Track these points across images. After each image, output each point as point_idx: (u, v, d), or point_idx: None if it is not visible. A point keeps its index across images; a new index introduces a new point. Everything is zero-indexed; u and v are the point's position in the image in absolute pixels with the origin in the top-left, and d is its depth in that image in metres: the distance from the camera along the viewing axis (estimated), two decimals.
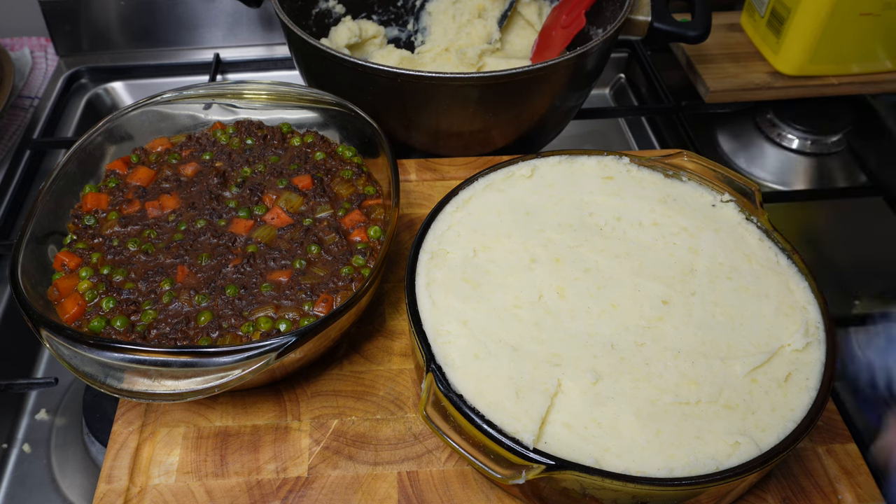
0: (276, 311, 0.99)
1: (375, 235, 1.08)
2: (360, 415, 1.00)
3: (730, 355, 0.89)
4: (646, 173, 1.11)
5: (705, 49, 1.78)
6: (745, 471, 0.77)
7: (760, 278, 0.98)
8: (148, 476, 0.94)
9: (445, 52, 1.62)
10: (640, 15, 1.44)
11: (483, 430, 0.78)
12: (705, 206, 1.07)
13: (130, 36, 1.91)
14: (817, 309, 0.94)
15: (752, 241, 1.02)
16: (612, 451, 0.80)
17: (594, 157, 1.13)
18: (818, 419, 0.83)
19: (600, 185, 1.09)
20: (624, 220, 1.05)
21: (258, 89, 1.23)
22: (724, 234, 1.03)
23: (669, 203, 1.07)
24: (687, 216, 1.05)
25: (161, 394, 0.87)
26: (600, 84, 1.98)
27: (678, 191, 1.09)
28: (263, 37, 1.95)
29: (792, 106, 1.77)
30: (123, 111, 1.19)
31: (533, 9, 1.64)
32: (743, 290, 0.96)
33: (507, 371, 0.86)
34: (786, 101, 1.76)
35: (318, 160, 1.20)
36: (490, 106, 1.30)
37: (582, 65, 1.33)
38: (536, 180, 1.10)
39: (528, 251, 1.00)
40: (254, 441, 0.97)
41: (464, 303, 0.93)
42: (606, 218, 1.05)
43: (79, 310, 0.98)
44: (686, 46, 1.81)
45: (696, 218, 1.05)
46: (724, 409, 0.84)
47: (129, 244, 1.07)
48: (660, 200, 1.07)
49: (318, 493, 0.92)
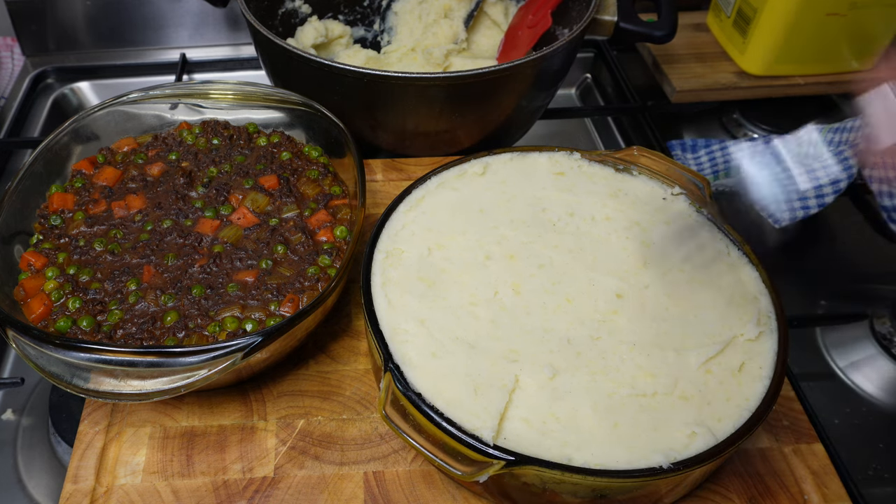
0: (242, 311, 0.99)
1: (342, 235, 1.09)
2: (327, 415, 1.01)
3: (684, 346, 0.90)
4: (597, 168, 1.13)
5: (672, 49, 1.80)
6: (703, 461, 0.79)
7: (712, 270, 0.99)
8: (114, 476, 0.94)
9: (412, 52, 1.62)
10: (607, 15, 1.45)
11: (443, 427, 0.79)
12: (656, 200, 1.08)
13: (97, 36, 1.90)
14: (769, 299, 0.96)
15: (703, 233, 1.04)
16: (570, 444, 0.81)
17: (545, 153, 1.14)
18: (772, 407, 0.84)
19: (552, 180, 1.11)
20: (577, 215, 1.06)
21: (224, 89, 1.23)
22: (675, 226, 1.05)
23: (621, 197, 1.08)
24: (638, 210, 1.07)
25: (127, 394, 0.87)
26: (566, 84, 1.99)
27: (629, 185, 1.11)
28: (230, 37, 1.95)
29: (758, 106, 1.79)
30: (90, 111, 1.19)
31: (499, 9, 1.65)
32: (695, 282, 0.98)
33: (465, 368, 0.87)
34: (752, 101, 1.78)
35: (285, 160, 1.21)
36: (456, 106, 1.31)
37: (548, 65, 1.34)
38: (489, 177, 1.11)
39: (482, 248, 1.01)
40: (220, 441, 0.98)
41: (420, 301, 0.94)
42: (559, 213, 1.06)
43: (45, 310, 0.98)
44: (652, 46, 1.82)
45: (647, 211, 1.06)
46: (680, 400, 0.85)
47: (96, 244, 1.07)
48: (611, 195, 1.09)
49: (284, 493, 0.93)
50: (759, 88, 1.74)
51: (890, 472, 1.16)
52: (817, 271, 1.50)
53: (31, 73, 1.85)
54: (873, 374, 1.27)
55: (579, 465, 0.78)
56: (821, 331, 1.35)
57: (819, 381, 1.28)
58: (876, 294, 1.44)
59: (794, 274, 1.48)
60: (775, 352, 0.90)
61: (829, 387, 1.27)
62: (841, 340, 1.33)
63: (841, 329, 1.34)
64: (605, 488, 0.80)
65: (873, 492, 1.12)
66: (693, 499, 0.93)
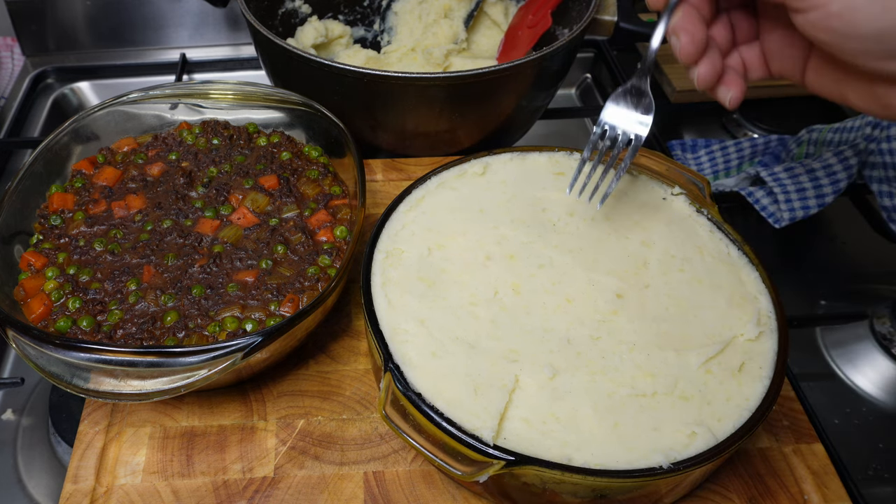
0: (242, 311, 0.99)
1: (342, 235, 1.09)
2: (327, 415, 1.01)
3: (684, 347, 0.90)
4: None
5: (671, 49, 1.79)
6: (703, 461, 0.79)
7: (712, 270, 0.99)
8: (114, 476, 0.94)
9: (412, 52, 1.62)
10: (607, 15, 1.45)
11: (443, 427, 0.79)
12: (656, 200, 1.08)
13: (97, 36, 1.90)
14: (768, 299, 0.96)
15: (702, 234, 1.04)
16: (570, 444, 0.81)
17: (545, 153, 1.14)
18: (772, 407, 0.84)
19: (552, 180, 1.11)
20: (577, 215, 1.06)
21: (224, 89, 1.23)
22: (675, 226, 1.05)
23: (620, 197, 1.08)
24: (638, 210, 1.06)
25: (127, 394, 0.87)
26: (566, 84, 1.99)
27: (629, 185, 1.11)
28: (230, 37, 1.95)
29: (758, 106, 1.79)
30: (90, 111, 1.19)
31: (499, 9, 1.65)
32: (695, 282, 0.98)
33: (465, 368, 0.87)
34: (752, 101, 1.79)
35: (285, 160, 1.21)
36: (456, 106, 1.31)
37: (548, 65, 1.34)
38: (489, 177, 1.11)
39: (482, 248, 1.01)
40: (220, 441, 0.98)
41: (420, 301, 0.94)
42: (559, 213, 1.06)
43: (45, 310, 0.98)
44: None
45: (647, 211, 1.06)
46: (680, 400, 0.85)
47: (96, 244, 1.07)
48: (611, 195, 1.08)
49: (284, 493, 0.93)
50: (758, 88, 1.74)
51: (890, 472, 1.16)
52: (817, 271, 1.50)
53: (31, 73, 1.85)
54: (873, 374, 1.27)
55: (579, 465, 0.78)
56: (821, 331, 1.35)
57: (819, 381, 1.28)
58: (876, 294, 1.44)
59: (794, 274, 1.48)
60: (775, 352, 0.90)
61: (829, 387, 1.27)
62: (841, 340, 1.33)
63: (841, 329, 1.34)
64: (605, 488, 0.80)
65: (873, 492, 1.12)
66: (693, 499, 0.93)
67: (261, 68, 1.51)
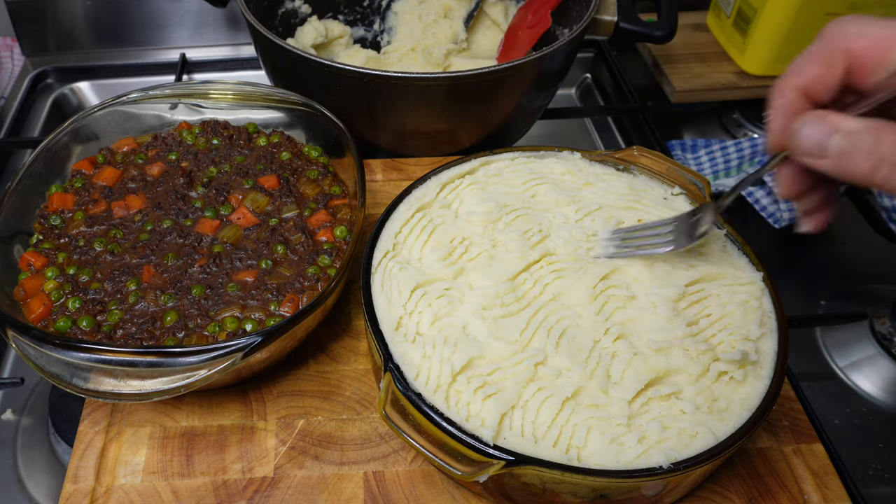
0: (242, 311, 0.99)
1: (341, 235, 1.09)
2: (326, 415, 1.01)
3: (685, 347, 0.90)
4: (598, 168, 1.12)
5: (671, 49, 1.80)
6: (703, 461, 0.79)
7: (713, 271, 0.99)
8: (114, 476, 0.94)
9: (411, 51, 1.62)
10: (607, 15, 1.45)
11: (442, 427, 0.79)
12: (657, 199, 1.08)
13: (97, 36, 1.90)
14: (769, 299, 0.96)
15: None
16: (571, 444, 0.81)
17: (546, 153, 1.14)
18: (772, 407, 0.84)
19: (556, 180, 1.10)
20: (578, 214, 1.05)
21: (224, 89, 1.23)
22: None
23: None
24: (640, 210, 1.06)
25: (127, 394, 0.87)
26: (566, 84, 1.99)
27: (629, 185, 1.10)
28: (229, 37, 1.95)
29: (758, 106, 1.79)
30: (89, 111, 1.19)
31: (499, 9, 1.65)
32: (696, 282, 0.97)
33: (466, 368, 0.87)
34: (752, 101, 1.78)
35: (285, 160, 1.21)
36: (456, 106, 1.31)
37: (548, 65, 1.34)
38: (489, 177, 1.11)
39: (483, 248, 1.01)
40: (220, 441, 0.98)
41: (420, 301, 0.94)
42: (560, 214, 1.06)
43: (45, 310, 0.98)
44: (652, 46, 1.82)
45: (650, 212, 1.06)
46: (681, 399, 0.85)
47: (96, 244, 1.07)
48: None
49: (284, 493, 0.93)
50: (759, 88, 1.74)
51: (890, 472, 1.16)
52: (817, 271, 1.50)
53: (31, 73, 1.85)
54: (873, 374, 1.27)
55: (579, 465, 0.78)
56: (821, 331, 1.35)
57: (819, 381, 1.28)
58: (876, 294, 1.44)
59: (794, 274, 1.48)
60: (775, 352, 0.90)
61: (829, 387, 1.27)
62: (841, 340, 1.33)
63: (841, 329, 1.34)
64: (605, 488, 0.80)
65: (873, 492, 1.12)
66: (693, 499, 0.93)
67: (261, 68, 1.51)
